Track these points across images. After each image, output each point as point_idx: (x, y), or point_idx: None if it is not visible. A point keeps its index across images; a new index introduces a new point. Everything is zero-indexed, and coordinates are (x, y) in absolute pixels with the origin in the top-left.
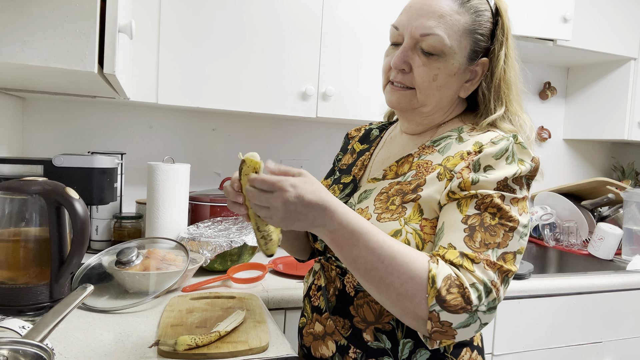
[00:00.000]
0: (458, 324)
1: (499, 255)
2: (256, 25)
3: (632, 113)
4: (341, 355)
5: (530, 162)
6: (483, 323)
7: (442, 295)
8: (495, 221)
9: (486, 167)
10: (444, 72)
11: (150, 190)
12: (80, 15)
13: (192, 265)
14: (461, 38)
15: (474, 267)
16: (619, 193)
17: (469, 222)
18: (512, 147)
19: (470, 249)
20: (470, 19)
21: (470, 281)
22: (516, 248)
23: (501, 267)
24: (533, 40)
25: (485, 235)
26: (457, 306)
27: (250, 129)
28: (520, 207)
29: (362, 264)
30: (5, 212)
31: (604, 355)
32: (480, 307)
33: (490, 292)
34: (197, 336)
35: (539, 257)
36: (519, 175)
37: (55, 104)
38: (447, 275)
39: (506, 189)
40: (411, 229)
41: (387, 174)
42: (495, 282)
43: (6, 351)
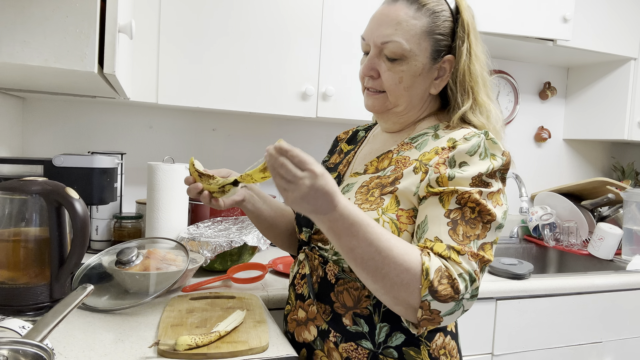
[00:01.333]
0: (445, 311)
1: (478, 246)
2: (256, 25)
3: (632, 113)
4: (322, 339)
5: (501, 156)
6: (465, 309)
7: (434, 286)
8: (474, 215)
9: (461, 163)
10: (408, 74)
11: (150, 190)
12: (80, 15)
13: (192, 265)
14: (420, 40)
15: (460, 259)
16: (619, 193)
17: (451, 216)
18: (483, 143)
19: (454, 241)
20: (427, 21)
21: (458, 272)
22: (493, 239)
23: (482, 257)
24: (533, 40)
25: (467, 228)
26: (447, 296)
27: (250, 129)
28: (494, 200)
29: (359, 254)
30: (5, 212)
31: (604, 355)
32: (465, 295)
33: (474, 281)
34: (197, 336)
35: (539, 257)
36: (492, 170)
37: (55, 104)
38: (438, 267)
39: (481, 184)
40: (388, 218)
41: (368, 169)
42: (477, 271)
43: (6, 351)
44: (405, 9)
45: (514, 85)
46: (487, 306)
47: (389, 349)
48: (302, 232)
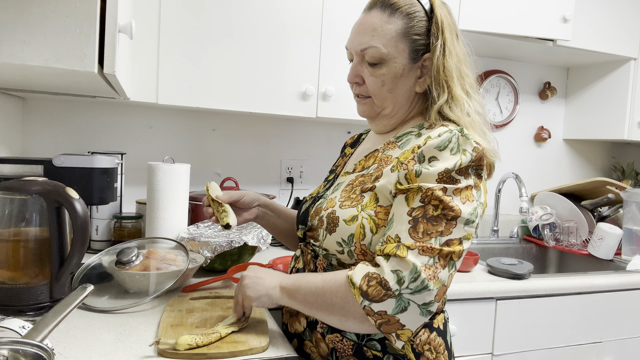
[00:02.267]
0: (392, 310)
1: (442, 242)
2: (256, 25)
3: (632, 113)
4: (310, 330)
5: (471, 152)
6: (422, 304)
7: (363, 290)
8: (437, 212)
9: (430, 158)
10: (389, 76)
11: (150, 190)
12: (80, 15)
13: (192, 265)
14: (397, 43)
15: (407, 253)
16: (619, 193)
17: (413, 214)
18: (456, 139)
19: (413, 239)
20: (402, 24)
21: (393, 268)
22: (461, 234)
23: (441, 250)
24: (533, 40)
25: (428, 226)
26: (379, 294)
27: (250, 129)
28: (463, 197)
29: (309, 305)
30: (5, 212)
31: (604, 355)
32: (404, 290)
33: (417, 276)
34: (198, 336)
35: (539, 257)
36: (461, 165)
37: (55, 104)
38: (365, 274)
39: (449, 180)
40: (366, 215)
41: (357, 168)
42: (428, 265)
43: (6, 351)
44: (379, 15)
45: (514, 85)
46: (487, 306)
47: (372, 341)
48: (299, 229)
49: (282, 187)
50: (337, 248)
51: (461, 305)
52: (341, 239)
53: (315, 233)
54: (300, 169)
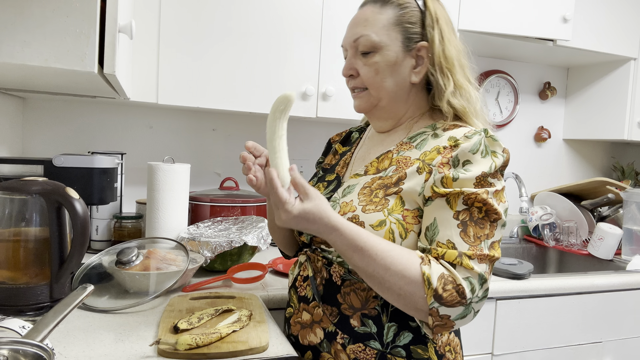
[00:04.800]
0: (455, 316)
1: (488, 245)
2: (256, 25)
3: (632, 113)
4: (329, 341)
5: (502, 153)
6: (476, 311)
7: (439, 293)
8: (482, 214)
9: (465, 162)
10: (383, 64)
11: (150, 190)
12: (80, 15)
13: (192, 265)
14: (389, 31)
15: (472, 264)
16: (619, 193)
17: (460, 218)
18: (484, 141)
19: (467, 244)
20: (393, 13)
21: (464, 276)
22: (500, 237)
23: (492, 256)
24: (533, 40)
25: (476, 229)
26: (454, 301)
27: (250, 129)
28: (499, 198)
29: (362, 270)
30: (5, 212)
31: (604, 355)
32: (474, 299)
33: (484, 282)
34: (198, 336)
35: (539, 257)
36: (496, 168)
37: (55, 104)
38: (440, 274)
39: (486, 183)
40: (394, 219)
41: (369, 170)
42: (487, 272)
43: (6, 351)
44: (371, 8)
45: (514, 85)
46: (487, 306)
47: (397, 348)
48: (303, 234)
49: None
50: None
51: None
52: None
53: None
54: (300, 169)
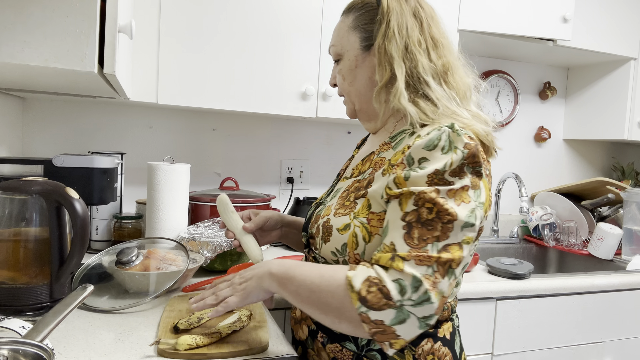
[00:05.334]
0: (390, 320)
1: (440, 248)
2: (256, 25)
3: (632, 113)
4: (312, 339)
5: (462, 149)
6: (422, 317)
7: (362, 295)
8: (432, 215)
9: (420, 159)
10: (346, 70)
11: (150, 190)
12: (80, 15)
13: (192, 265)
14: (348, 36)
15: (403, 265)
16: (619, 193)
17: (407, 219)
18: (446, 136)
19: (408, 246)
20: (353, 18)
21: (394, 278)
22: (460, 239)
23: (439, 258)
24: (533, 40)
25: (422, 231)
26: (379, 302)
27: (250, 129)
28: (458, 198)
29: (299, 301)
30: (5, 212)
31: (604, 355)
32: (406, 301)
33: (419, 285)
34: (198, 336)
35: (539, 257)
36: (452, 165)
37: (55, 104)
38: (366, 277)
39: (441, 181)
40: (359, 222)
41: (354, 173)
42: (428, 275)
43: (6, 351)
44: (340, 18)
45: (514, 85)
46: (487, 306)
47: (372, 351)
48: (303, 236)
49: (282, 187)
50: (332, 257)
51: (461, 305)
52: (335, 248)
53: (314, 241)
54: (300, 169)
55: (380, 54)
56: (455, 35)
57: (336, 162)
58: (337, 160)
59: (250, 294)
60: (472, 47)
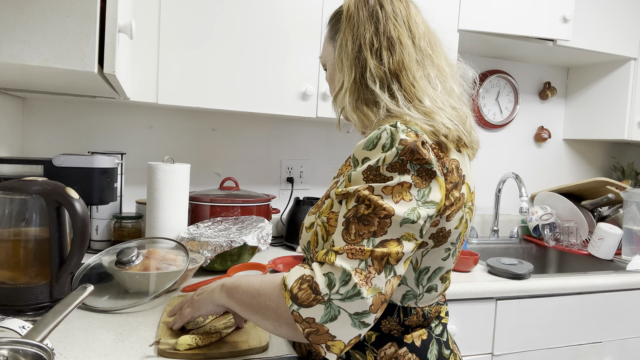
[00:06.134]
0: (320, 317)
1: (376, 243)
2: (256, 25)
3: (632, 113)
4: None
5: (398, 145)
6: (354, 314)
7: (294, 293)
8: (369, 211)
9: (364, 159)
10: (329, 78)
11: (150, 190)
12: (80, 15)
13: (192, 265)
14: (327, 46)
15: (335, 258)
16: (619, 193)
17: (346, 216)
18: (388, 134)
19: (345, 241)
20: (329, 29)
21: (325, 271)
22: (399, 234)
23: (373, 252)
24: (533, 40)
25: (359, 226)
26: (309, 299)
27: (250, 129)
28: (396, 195)
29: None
30: (5, 212)
31: (604, 355)
32: (334, 295)
33: (349, 279)
34: (198, 336)
35: (539, 257)
36: (385, 161)
37: (55, 104)
38: (300, 276)
39: (377, 177)
40: (320, 222)
41: (338, 173)
42: (360, 269)
43: (6, 351)
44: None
45: (514, 85)
46: (487, 306)
47: (309, 341)
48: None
49: (282, 187)
50: (304, 254)
51: (461, 305)
52: (303, 245)
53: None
54: (300, 169)
55: (336, 62)
56: (455, 35)
57: (336, 162)
58: (337, 160)
59: (201, 306)
60: (472, 47)
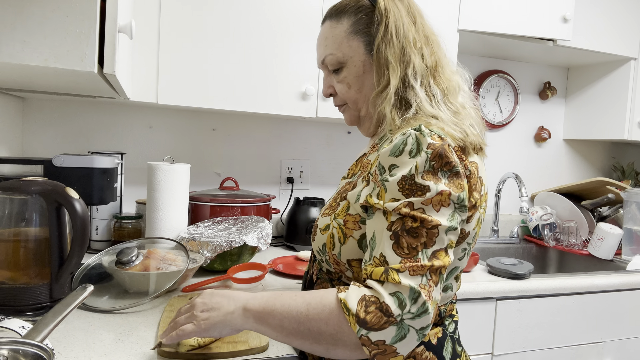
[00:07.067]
0: (391, 339)
1: (429, 255)
2: (256, 24)
3: (632, 113)
4: None
5: (425, 150)
6: (420, 329)
7: (361, 317)
8: (417, 223)
9: (390, 166)
10: (352, 77)
11: (150, 190)
12: (80, 15)
13: (192, 265)
14: (349, 42)
15: (399, 277)
16: (619, 193)
17: (392, 229)
18: (413, 139)
19: (399, 256)
20: (348, 22)
21: (391, 291)
22: (445, 243)
23: (431, 266)
24: (533, 40)
25: (410, 239)
26: (380, 322)
27: (250, 129)
28: (435, 204)
29: (287, 331)
30: (5, 212)
31: (604, 355)
32: (406, 314)
33: (418, 296)
34: None
35: (539, 257)
36: (417, 169)
37: (55, 104)
38: (361, 297)
39: (413, 187)
40: (337, 224)
41: (349, 173)
42: (424, 285)
43: (6, 351)
44: (329, 24)
45: (514, 85)
46: (487, 306)
47: None
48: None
49: (282, 187)
50: (318, 257)
51: (461, 305)
52: (318, 247)
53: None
54: (300, 169)
55: (380, 59)
56: (455, 35)
57: (336, 162)
58: (337, 160)
59: (212, 328)
60: (472, 47)
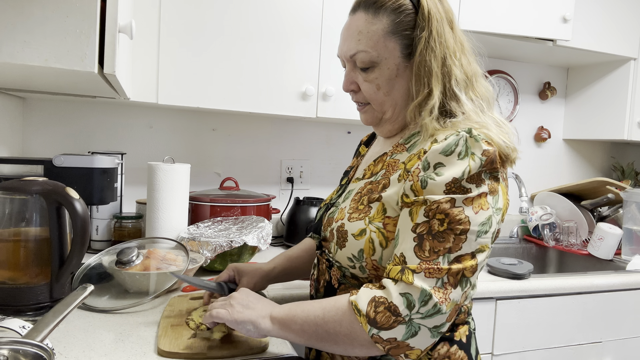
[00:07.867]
0: (402, 336)
1: (451, 259)
2: (256, 25)
3: (632, 113)
4: None
5: (480, 156)
6: (433, 327)
7: (371, 317)
8: (443, 227)
9: (436, 164)
10: (383, 79)
11: (150, 190)
12: (80, 15)
13: (192, 265)
14: (385, 42)
15: (412, 278)
16: (619, 193)
17: (417, 231)
18: (464, 142)
19: (419, 258)
20: (388, 21)
21: (402, 291)
22: (473, 248)
23: (449, 269)
24: (533, 40)
25: (434, 243)
26: (389, 321)
27: (250, 129)
28: (477, 205)
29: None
30: (5, 212)
31: (604, 355)
32: (414, 315)
33: (429, 299)
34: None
35: (539, 257)
36: (470, 172)
37: (55, 104)
38: (371, 298)
39: (458, 189)
40: (375, 228)
41: (366, 174)
42: (439, 287)
43: (6, 351)
44: (364, 16)
45: (513, 85)
46: (487, 306)
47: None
48: (314, 237)
49: (282, 187)
50: (348, 263)
51: None
52: (351, 254)
53: (328, 244)
54: (300, 169)
55: (420, 67)
56: None
57: (336, 162)
58: (337, 160)
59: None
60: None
